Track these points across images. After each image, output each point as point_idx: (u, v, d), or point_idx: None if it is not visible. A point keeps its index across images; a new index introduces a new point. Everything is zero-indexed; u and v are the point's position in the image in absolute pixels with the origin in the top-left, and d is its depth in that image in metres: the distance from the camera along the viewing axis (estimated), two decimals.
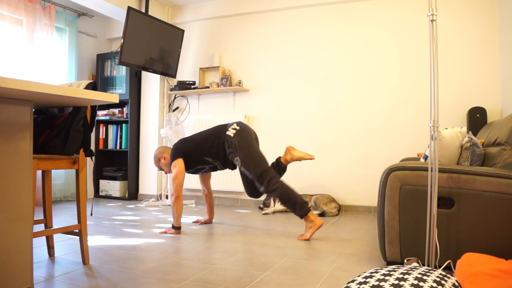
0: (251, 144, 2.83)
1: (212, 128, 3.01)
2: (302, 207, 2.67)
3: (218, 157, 2.92)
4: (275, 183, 2.70)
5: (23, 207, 1.58)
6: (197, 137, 2.99)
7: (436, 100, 1.77)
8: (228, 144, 2.83)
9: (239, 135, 2.83)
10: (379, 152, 3.89)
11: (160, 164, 3.15)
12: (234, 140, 2.82)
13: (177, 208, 2.86)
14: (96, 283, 1.76)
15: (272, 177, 2.73)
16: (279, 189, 2.69)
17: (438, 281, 1.23)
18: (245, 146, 2.80)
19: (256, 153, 2.81)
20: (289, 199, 2.68)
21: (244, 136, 2.85)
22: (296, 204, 2.68)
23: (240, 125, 2.91)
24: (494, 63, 3.55)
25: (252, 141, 2.87)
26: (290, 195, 2.69)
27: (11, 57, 3.82)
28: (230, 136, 2.84)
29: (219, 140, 2.88)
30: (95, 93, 1.66)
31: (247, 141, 2.82)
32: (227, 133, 2.86)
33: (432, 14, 1.77)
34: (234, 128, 2.88)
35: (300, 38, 4.25)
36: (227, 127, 2.93)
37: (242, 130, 2.88)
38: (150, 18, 4.15)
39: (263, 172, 2.73)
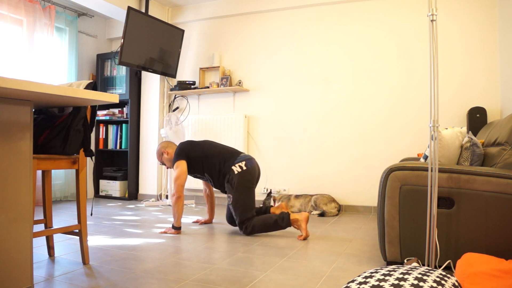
0: (248, 190, 2.86)
1: (224, 149, 3.00)
2: (282, 220, 2.75)
3: (214, 179, 2.95)
4: (251, 224, 2.79)
5: (23, 207, 1.58)
6: (206, 150, 2.98)
7: (436, 100, 1.77)
8: (229, 178, 2.86)
9: (242, 177, 2.84)
10: (379, 152, 3.89)
11: (163, 159, 3.16)
12: (235, 178, 2.84)
13: (177, 209, 2.87)
14: (96, 283, 1.76)
15: (251, 224, 2.81)
16: (256, 227, 2.79)
17: (438, 281, 1.23)
18: (241, 190, 2.83)
19: (248, 200, 2.85)
20: (269, 225, 2.78)
21: (246, 179, 2.85)
22: (276, 223, 2.76)
23: (248, 166, 2.89)
24: (494, 63, 3.55)
25: (251, 187, 2.88)
26: (266, 222, 2.79)
27: (11, 57, 3.82)
28: (234, 173, 2.85)
29: (222, 168, 2.90)
30: (95, 93, 1.66)
31: (246, 186, 2.85)
32: (233, 168, 2.87)
33: (432, 14, 1.77)
34: (241, 166, 2.88)
35: (300, 38, 4.25)
36: (235, 160, 2.90)
37: (247, 172, 2.87)
38: (150, 18, 4.15)
39: (246, 220, 2.82)
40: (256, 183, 2.95)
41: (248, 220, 2.81)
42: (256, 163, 2.97)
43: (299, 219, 2.74)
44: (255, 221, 2.80)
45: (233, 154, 2.96)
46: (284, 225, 2.75)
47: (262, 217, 2.82)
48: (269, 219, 2.78)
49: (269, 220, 2.78)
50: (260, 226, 2.79)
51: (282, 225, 2.75)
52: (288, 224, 2.75)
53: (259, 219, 2.80)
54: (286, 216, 2.75)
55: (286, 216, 2.75)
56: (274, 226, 2.77)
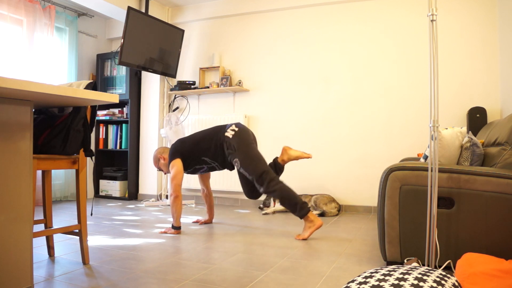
0: (250, 146, 2.84)
1: (210, 129, 3.02)
2: (302, 208, 2.68)
3: (216, 157, 2.92)
4: (275, 184, 2.71)
5: (23, 207, 1.58)
6: (195, 137, 3.00)
7: (436, 100, 1.77)
8: (227, 145, 2.84)
9: (237, 137, 2.84)
10: (379, 152, 3.89)
11: (159, 165, 3.16)
12: (232, 141, 2.82)
13: (176, 208, 2.86)
14: (96, 283, 1.76)
15: (272, 178, 2.73)
16: (279, 190, 2.69)
17: (438, 281, 1.23)
18: (243, 148, 2.80)
19: (255, 154, 2.82)
20: (290, 200, 2.69)
21: (243, 137, 2.85)
22: (296, 204, 2.68)
23: (239, 126, 2.91)
24: (494, 63, 3.55)
25: (251, 142, 2.87)
26: (290, 196, 2.69)
27: (11, 57, 3.82)
28: (229, 138, 2.84)
29: (217, 141, 2.89)
30: (95, 93, 1.66)
31: (246, 142, 2.83)
32: (226, 134, 2.87)
33: (432, 14, 1.77)
34: (232, 129, 2.88)
35: (300, 38, 4.25)
36: (225, 128, 2.93)
37: (241, 131, 2.88)
38: (150, 18, 4.15)
39: (263, 173, 2.73)
40: (255, 141, 2.93)
41: (266, 173, 2.72)
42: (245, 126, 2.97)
43: (314, 222, 2.68)
44: (282, 185, 2.69)
45: (220, 127, 2.97)
46: (300, 214, 2.67)
47: (290, 189, 2.71)
48: (293, 196, 2.68)
49: (293, 196, 2.68)
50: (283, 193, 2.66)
51: (299, 211, 2.67)
52: (303, 215, 2.67)
53: (286, 187, 2.70)
54: (307, 210, 2.68)
55: (307, 209, 2.68)
56: (293, 206, 2.67)
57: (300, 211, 2.68)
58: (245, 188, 3.01)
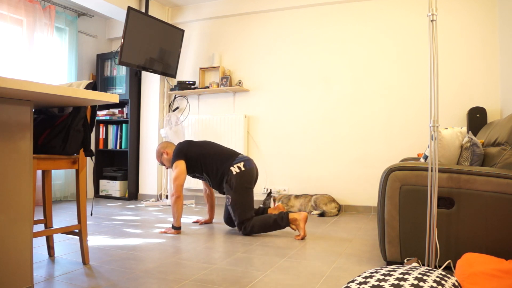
0: (247, 191, 2.86)
1: (222, 149, 3.01)
2: (281, 219, 2.76)
3: (213, 180, 2.95)
4: (250, 225, 2.80)
5: (23, 207, 1.58)
6: (204, 149, 2.99)
7: (436, 100, 1.77)
8: (227, 179, 2.86)
9: (240, 178, 2.84)
10: (379, 152, 3.89)
11: (162, 159, 3.16)
12: (233, 179, 2.83)
13: (177, 208, 2.87)
14: (96, 283, 1.76)
15: (250, 224, 2.81)
16: (256, 226, 2.80)
17: (438, 281, 1.23)
18: (240, 191, 2.83)
19: (247, 201, 2.85)
20: (268, 225, 2.79)
21: (245, 180, 2.86)
22: (275, 223, 2.77)
23: (246, 167, 2.89)
24: (494, 63, 3.55)
25: (249, 187, 2.89)
26: (266, 222, 2.79)
27: (11, 57, 3.82)
28: (232, 174, 2.85)
29: (220, 169, 2.90)
30: (95, 93, 1.66)
31: (245, 186, 2.85)
32: (231, 169, 2.87)
33: (432, 14, 1.77)
34: (239, 167, 2.87)
35: (300, 38, 4.25)
36: (234, 161, 2.91)
37: (245, 173, 2.87)
38: (150, 18, 4.15)
39: (245, 221, 2.82)
40: (254, 184, 2.96)
41: (247, 221, 2.81)
42: (254, 164, 2.98)
43: (297, 218, 2.74)
44: (254, 221, 2.80)
45: (231, 155, 2.96)
46: (284, 224, 2.76)
47: (261, 217, 2.82)
48: (268, 218, 2.79)
49: (268, 219, 2.78)
50: (259, 226, 2.79)
51: (281, 224, 2.76)
52: (287, 224, 2.76)
53: (258, 219, 2.81)
54: (285, 216, 2.75)
55: (285, 215, 2.75)
56: (274, 226, 2.78)
57: (281, 223, 2.76)
58: (225, 215, 3.10)
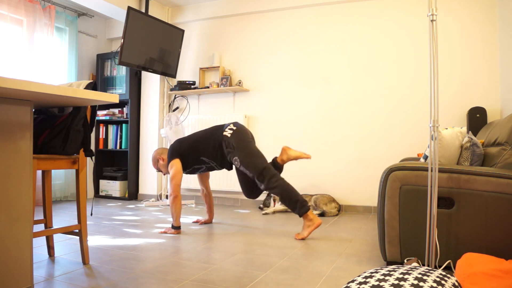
0: (249, 144, 2.86)
1: (208, 129, 3.03)
2: (302, 206, 2.69)
3: (214, 157, 2.92)
4: (276, 181, 2.71)
5: (23, 207, 1.58)
6: (193, 137, 3.01)
7: (436, 100, 1.77)
8: (226, 144, 2.85)
9: (236, 135, 2.85)
10: (379, 152, 3.89)
11: (159, 166, 3.16)
12: (231, 140, 2.83)
13: (175, 208, 2.86)
14: (96, 283, 1.76)
15: (273, 174, 2.74)
16: (280, 186, 2.70)
17: (438, 281, 1.23)
18: (243, 146, 2.81)
19: (254, 151, 2.83)
20: (290, 197, 2.69)
21: (242, 136, 2.87)
22: (297, 202, 2.69)
23: (237, 126, 2.93)
24: (494, 63, 3.55)
25: (250, 140, 2.89)
26: (291, 193, 2.70)
27: (11, 57, 3.82)
28: (227, 137, 2.85)
29: (216, 141, 2.89)
30: (95, 93, 1.66)
31: (245, 140, 2.85)
32: (224, 133, 2.88)
33: (432, 14, 1.77)
34: (231, 128, 2.90)
35: (300, 38, 4.25)
36: (223, 127, 2.95)
37: (239, 130, 2.90)
38: (150, 18, 4.15)
39: (263, 170, 2.74)
40: (252, 139, 2.95)
41: (266, 170, 2.72)
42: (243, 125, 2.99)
43: (313, 220, 2.69)
44: (282, 182, 2.70)
45: (218, 127, 2.99)
46: (300, 212, 2.67)
47: (291, 186, 2.72)
48: (294, 193, 2.68)
49: (294, 194, 2.68)
50: (283, 189, 2.67)
51: (299, 209, 2.67)
52: (303, 213, 2.67)
53: (287, 184, 2.71)
54: (307, 208, 2.68)
55: (307, 207, 2.68)
56: (293, 203, 2.67)
57: (300, 209, 2.68)
58: (244, 188, 3.02)
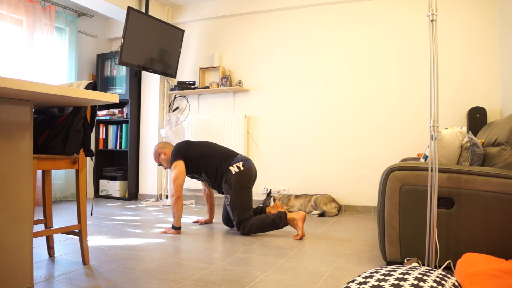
0: (245, 190, 2.86)
1: (220, 149, 3.01)
2: (280, 219, 2.76)
3: (213, 180, 2.95)
4: (248, 225, 2.80)
5: (23, 207, 1.58)
6: (203, 150, 2.99)
7: (436, 100, 1.77)
8: (226, 179, 2.86)
9: (239, 177, 2.85)
10: (379, 152, 3.89)
11: (160, 159, 3.16)
12: (232, 179, 2.84)
13: (177, 209, 2.87)
14: (96, 283, 1.76)
15: (248, 223, 2.81)
16: (254, 226, 2.80)
17: (438, 281, 1.23)
18: (239, 191, 2.83)
19: (245, 200, 2.85)
20: (266, 225, 2.79)
21: (244, 179, 2.86)
22: (274, 222, 2.77)
23: (245, 166, 2.90)
24: (494, 63, 3.55)
25: (248, 186, 2.89)
26: (264, 222, 2.79)
27: (11, 57, 3.82)
28: (231, 174, 2.85)
29: (219, 168, 2.90)
30: (95, 93, 1.66)
31: (244, 186, 2.85)
32: (230, 168, 2.87)
33: (432, 14, 1.77)
34: (238, 166, 2.88)
35: (300, 38, 4.25)
36: (233, 159, 2.92)
37: (244, 172, 2.87)
38: (150, 18, 4.15)
39: (243, 221, 2.82)
40: (253, 183, 2.96)
41: (246, 220, 2.81)
42: (253, 164, 2.99)
43: (296, 218, 2.74)
44: (253, 221, 2.80)
45: (230, 155, 2.97)
46: (282, 224, 2.76)
47: (260, 216, 2.82)
48: (266, 218, 2.79)
49: (266, 219, 2.78)
50: (258, 225, 2.79)
51: (279, 224, 2.76)
52: (286, 223, 2.76)
53: (257, 219, 2.81)
54: (284, 216, 2.75)
55: (283, 215, 2.75)
56: (272, 225, 2.77)
57: (280, 222, 2.76)
58: (223, 215, 3.09)
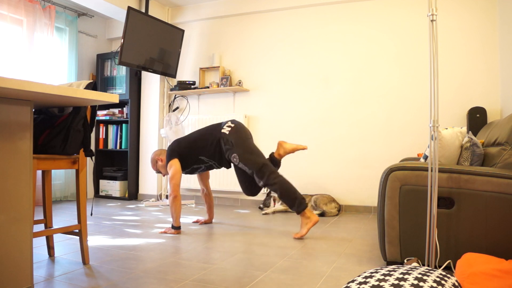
0: (247, 140, 2.87)
1: (206, 127, 3.03)
2: (301, 203, 2.70)
3: (213, 155, 2.92)
4: (276, 177, 2.72)
5: (23, 207, 1.58)
6: (191, 137, 3.00)
7: (436, 100, 1.77)
8: (224, 141, 2.85)
9: (235, 133, 2.86)
10: (379, 152, 3.89)
11: (158, 167, 3.15)
12: (230, 137, 2.84)
13: (175, 208, 2.86)
14: (96, 283, 1.76)
15: (272, 171, 2.75)
16: (279, 183, 2.71)
17: (438, 281, 1.23)
18: (241, 143, 2.82)
19: (253, 148, 2.84)
20: (289, 194, 2.70)
21: (240, 133, 2.88)
22: (296, 199, 2.70)
23: (235, 123, 2.94)
24: (494, 63, 3.55)
25: (248, 137, 2.90)
26: (290, 190, 2.71)
27: (11, 57, 3.82)
28: (226, 134, 2.86)
29: (214, 139, 2.90)
30: (95, 93, 1.66)
31: (243, 137, 2.86)
32: (222, 131, 2.89)
33: (432, 14, 1.77)
34: (229, 126, 2.91)
35: (300, 38, 4.25)
36: (221, 125, 2.95)
37: (237, 127, 2.91)
38: (150, 18, 4.15)
39: (262, 166, 2.74)
40: (250, 136, 2.94)
41: (265, 166, 2.73)
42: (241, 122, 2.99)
43: (311, 218, 2.71)
44: (282, 179, 2.71)
45: (215, 125, 2.99)
46: (299, 209, 2.68)
47: (290, 183, 2.73)
48: (293, 190, 2.70)
49: (292, 191, 2.69)
50: (282, 186, 2.68)
51: (297, 207, 2.68)
52: (301, 211, 2.68)
53: (286, 181, 2.72)
54: (305, 205, 2.69)
55: (305, 205, 2.69)
56: (292, 200, 2.68)
57: (298, 206, 2.69)
58: (243, 185, 3.02)
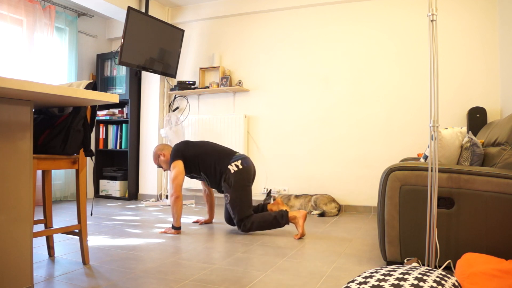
0: (245, 188, 2.86)
1: (219, 148, 3.01)
2: (281, 217, 2.76)
3: (211, 179, 2.95)
4: (251, 222, 2.80)
5: (23, 207, 1.58)
6: (201, 149, 2.99)
7: (436, 100, 1.77)
8: (225, 177, 2.86)
9: (238, 175, 2.85)
10: (379, 152, 3.89)
11: (159, 161, 3.16)
12: (231, 178, 2.84)
13: (177, 209, 2.87)
14: (96, 283, 1.76)
15: (252, 221, 2.82)
16: (255, 224, 2.80)
17: (438, 281, 1.23)
18: (238, 189, 2.83)
19: (245, 198, 2.85)
20: (267, 223, 2.79)
21: (243, 177, 2.86)
22: (275, 219, 2.77)
23: (244, 164, 2.90)
24: (494, 63, 3.55)
25: (248, 184, 2.89)
26: (265, 219, 2.79)
27: (11, 57, 3.82)
28: (230, 172, 2.86)
29: (219, 167, 2.90)
30: (95, 93, 1.66)
31: (243, 184, 2.85)
32: (229, 167, 2.87)
33: (432, 14, 1.77)
34: (237, 165, 2.88)
35: (300, 38, 4.25)
36: (231, 159, 2.92)
37: (243, 170, 2.88)
38: (150, 18, 4.15)
39: (245, 218, 2.83)
40: (252, 181, 2.96)
41: (247, 218, 2.82)
42: (252, 162, 2.99)
43: (297, 216, 2.75)
44: (254, 218, 2.80)
45: (228, 153, 2.97)
46: (283, 222, 2.76)
47: (261, 214, 2.82)
48: (268, 216, 2.79)
49: (268, 217, 2.78)
50: (259, 223, 2.79)
51: (281, 222, 2.76)
52: (287, 222, 2.76)
53: (258, 216, 2.81)
54: (285, 214, 2.75)
55: (285, 213, 2.76)
56: (273, 223, 2.77)
57: (281, 220, 2.76)
58: (225, 215, 3.08)
